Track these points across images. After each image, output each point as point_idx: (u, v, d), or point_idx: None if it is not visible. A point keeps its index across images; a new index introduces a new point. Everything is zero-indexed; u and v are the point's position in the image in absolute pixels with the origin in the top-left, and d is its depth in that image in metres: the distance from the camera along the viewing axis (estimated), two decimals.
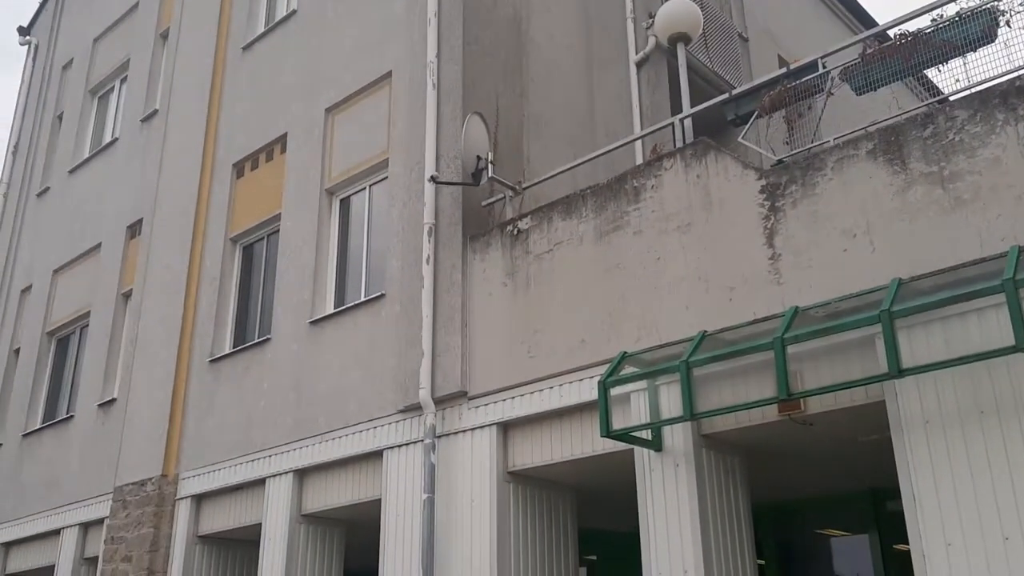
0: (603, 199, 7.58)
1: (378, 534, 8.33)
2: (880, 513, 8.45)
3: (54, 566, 12.20)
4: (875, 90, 6.92)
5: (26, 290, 15.45)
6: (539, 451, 7.52)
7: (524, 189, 8.69)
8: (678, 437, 6.50)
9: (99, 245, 13.96)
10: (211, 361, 10.94)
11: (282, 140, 11.34)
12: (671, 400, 6.50)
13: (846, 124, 6.99)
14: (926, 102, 7.32)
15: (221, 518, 10.20)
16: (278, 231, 10.98)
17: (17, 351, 15.10)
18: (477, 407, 7.90)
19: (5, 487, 13.80)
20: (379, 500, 8.45)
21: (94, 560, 11.54)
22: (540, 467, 7.54)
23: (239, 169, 11.96)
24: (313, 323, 9.85)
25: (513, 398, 7.63)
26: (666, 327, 6.81)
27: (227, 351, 10.94)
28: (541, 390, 7.45)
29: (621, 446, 6.77)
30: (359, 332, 9.33)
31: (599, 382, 6.47)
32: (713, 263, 6.73)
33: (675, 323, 6.76)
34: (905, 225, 5.86)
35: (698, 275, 6.78)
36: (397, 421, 8.52)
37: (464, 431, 7.94)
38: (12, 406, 14.55)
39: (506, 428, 7.74)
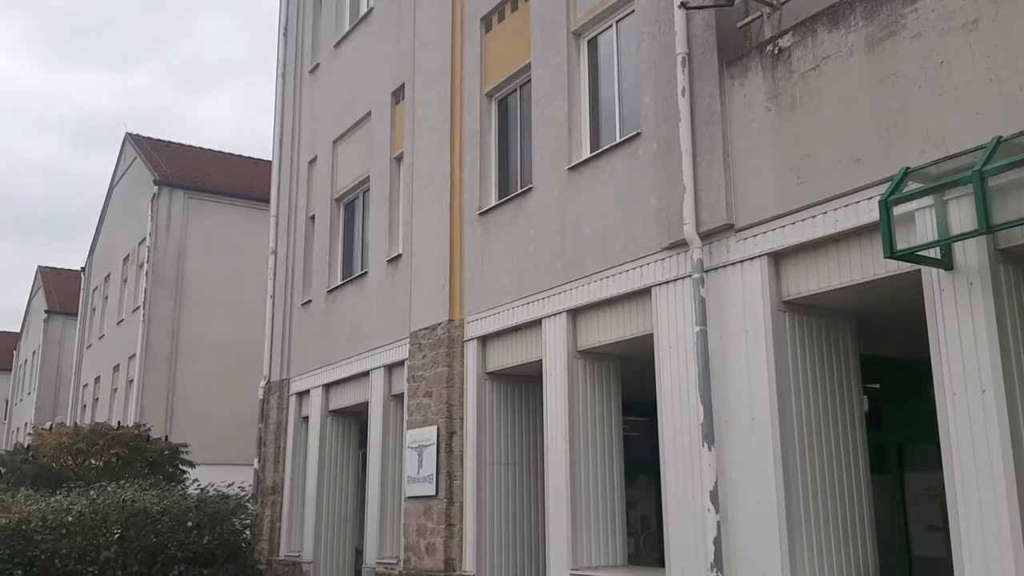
0: (873, 4, 6.91)
1: (652, 367, 8.64)
2: None
3: (367, 402, 13.90)
4: None
5: (312, 161, 17.00)
6: (815, 279, 7.33)
7: (783, 3, 8.11)
8: (971, 253, 6.05)
9: (369, 113, 14.95)
10: (480, 214, 11.56)
11: None
12: (962, 214, 6.03)
13: None
14: None
15: (505, 356, 11.03)
16: (529, 81, 11.15)
17: (312, 217, 16.81)
18: (745, 239, 7.78)
19: (318, 337, 15.74)
20: (651, 335, 8.71)
21: (400, 396, 12.99)
22: (816, 295, 7.37)
23: (487, 23, 12.14)
24: (571, 168, 10.05)
25: (784, 227, 7.42)
26: (953, 137, 6.23)
27: (493, 203, 11.49)
28: (814, 216, 7.18)
29: (905, 268, 6.44)
30: (617, 173, 9.41)
31: (880, 201, 6.12)
32: (1006, 61, 5.99)
33: (964, 132, 6.17)
34: None
35: (989, 76, 6.09)
36: (663, 258, 8.62)
37: (733, 264, 7.88)
38: (315, 267, 16.37)
39: (777, 258, 7.59)
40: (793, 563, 7.09)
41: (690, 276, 8.15)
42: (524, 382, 11.19)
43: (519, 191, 11.00)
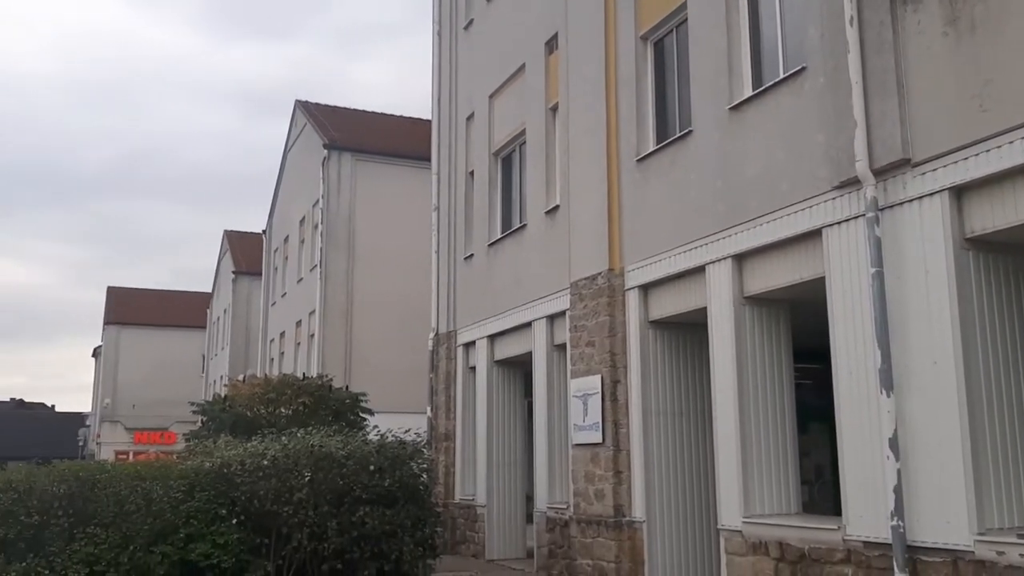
0: None
1: (824, 312, 8.34)
2: None
3: (531, 352, 14.17)
4: None
5: (470, 117, 17.27)
6: (1001, 214, 6.83)
7: None
8: None
9: (523, 65, 14.99)
10: (638, 160, 11.42)
11: None
12: None
13: None
14: None
15: (667, 304, 10.93)
16: (686, 20, 10.84)
17: (472, 173, 17.12)
18: (923, 174, 7.33)
19: (482, 289, 16.14)
20: (822, 278, 8.40)
21: (562, 346, 13.16)
22: (1003, 231, 6.88)
23: None
24: (733, 109, 9.75)
25: (966, 159, 6.94)
26: None
27: (651, 149, 11.32)
28: (999, 146, 6.66)
29: None
30: (781, 111, 9.06)
31: None
32: None
33: None
34: None
35: None
36: (833, 198, 8.27)
37: (910, 201, 7.46)
38: (476, 221, 16.72)
39: (959, 193, 7.12)
40: (980, 512, 6.75)
41: (864, 215, 7.78)
42: (689, 330, 11.07)
43: (678, 135, 10.79)
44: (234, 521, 10.09)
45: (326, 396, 15.20)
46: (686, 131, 10.57)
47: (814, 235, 8.54)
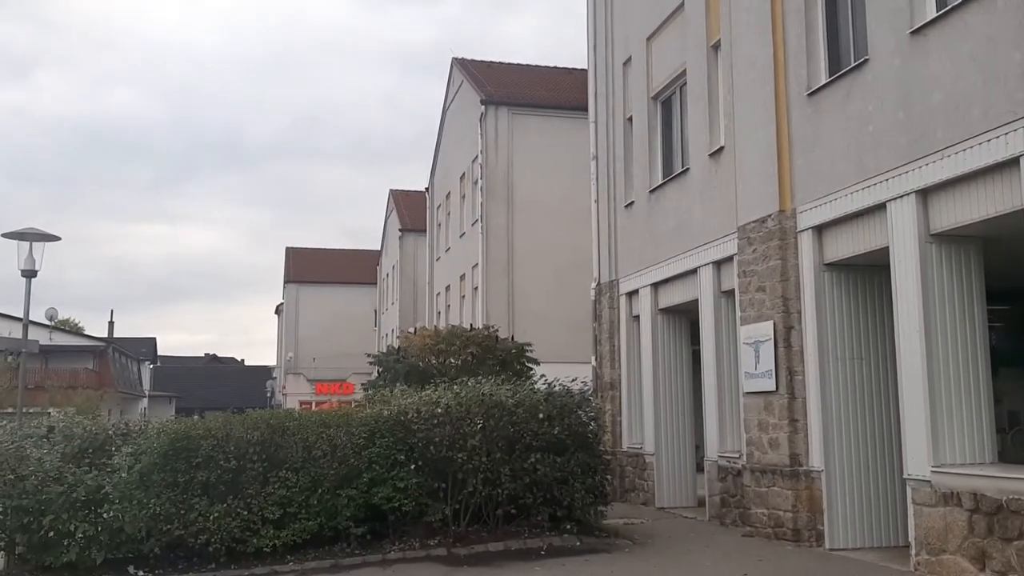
0: None
1: (1022, 247, 7.68)
2: None
3: (697, 299, 13.87)
4: None
5: (626, 62, 16.90)
6: None
7: None
8: None
9: (682, 4, 14.46)
10: (809, 94, 10.84)
11: None
12: None
13: None
14: None
15: (845, 245, 10.38)
16: None
17: (630, 119, 16.80)
18: None
19: (643, 237, 15.91)
20: (1021, 211, 7.72)
21: (730, 292, 12.80)
22: None
23: None
24: (914, 32, 9.05)
25: None
26: None
27: (823, 81, 10.71)
28: None
29: None
30: (970, 30, 8.32)
31: None
32: None
33: None
34: None
35: None
36: None
37: None
38: (636, 167, 16.44)
39: None
40: None
41: None
42: (868, 272, 10.50)
43: (852, 65, 10.14)
44: (412, 467, 10.55)
45: (492, 346, 15.50)
46: (862, 60, 9.91)
47: (1011, 164, 7.83)
